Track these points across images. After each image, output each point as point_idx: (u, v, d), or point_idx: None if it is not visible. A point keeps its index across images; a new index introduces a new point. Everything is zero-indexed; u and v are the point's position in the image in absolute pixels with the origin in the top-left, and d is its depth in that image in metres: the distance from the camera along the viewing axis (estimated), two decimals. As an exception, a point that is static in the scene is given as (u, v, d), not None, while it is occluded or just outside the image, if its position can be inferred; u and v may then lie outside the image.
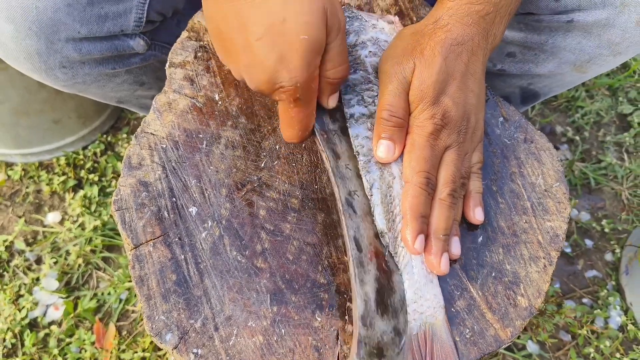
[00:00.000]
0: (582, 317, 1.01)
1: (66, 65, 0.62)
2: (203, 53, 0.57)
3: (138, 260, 0.46)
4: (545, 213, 0.52)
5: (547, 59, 0.63)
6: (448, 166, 0.47)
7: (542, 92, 0.73)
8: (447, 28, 0.47)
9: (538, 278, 0.49)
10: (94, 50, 0.61)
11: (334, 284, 0.47)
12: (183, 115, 0.53)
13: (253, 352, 0.44)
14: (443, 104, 0.47)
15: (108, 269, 1.00)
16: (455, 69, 0.47)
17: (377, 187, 0.46)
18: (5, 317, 0.93)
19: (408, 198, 0.45)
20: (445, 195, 0.46)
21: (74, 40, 0.59)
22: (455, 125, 0.47)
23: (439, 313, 0.45)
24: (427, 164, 0.46)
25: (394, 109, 0.47)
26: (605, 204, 1.18)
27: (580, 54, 0.60)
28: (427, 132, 0.46)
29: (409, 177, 0.46)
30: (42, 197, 1.09)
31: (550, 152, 0.55)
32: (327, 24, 0.41)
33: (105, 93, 0.72)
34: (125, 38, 0.64)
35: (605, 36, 0.57)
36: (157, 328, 0.44)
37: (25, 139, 1.06)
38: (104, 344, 0.91)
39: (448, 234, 0.46)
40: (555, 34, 0.60)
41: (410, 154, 0.47)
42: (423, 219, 0.45)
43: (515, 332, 0.46)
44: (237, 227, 0.48)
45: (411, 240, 0.44)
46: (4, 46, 0.59)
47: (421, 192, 0.45)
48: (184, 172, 0.50)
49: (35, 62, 0.60)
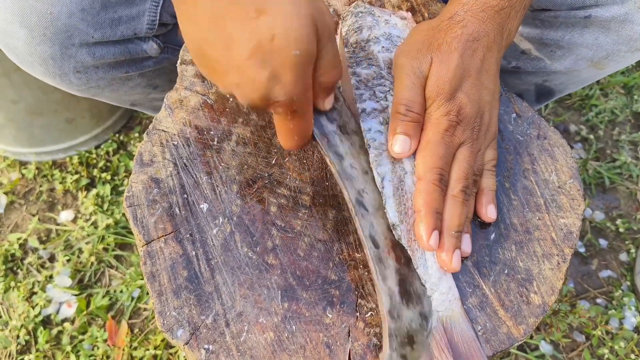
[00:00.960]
0: (596, 317, 1.00)
1: (80, 70, 0.62)
2: (214, 50, 0.57)
3: (149, 257, 0.46)
4: (558, 210, 0.51)
5: (564, 56, 0.63)
6: (461, 163, 0.47)
7: (558, 90, 0.72)
8: (463, 23, 0.47)
9: (551, 275, 0.48)
10: (107, 54, 0.62)
11: (345, 281, 0.47)
12: (194, 112, 0.53)
13: (264, 348, 0.44)
14: (458, 100, 0.46)
15: (120, 267, 1.01)
16: (471, 65, 0.47)
17: (389, 179, 0.46)
18: (19, 314, 0.94)
19: (422, 194, 0.45)
20: (457, 191, 0.46)
21: (87, 45, 0.59)
22: (470, 122, 0.47)
23: (455, 305, 0.45)
24: (441, 161, 0.46)
25: (411, 104, 0.46)
26: (619, 203, 1.17)
27: (597, 50, 0.60)
28: (442, 128, 0.46)
29: (422, 174, 0.46)
30: (55, 196, 1.10)
31: (564, 148, 0.55)
32: (318, 33, 0.39)
33: (119, 96, 0.72)
34: (138, 42, 0.64)
35: (623, 32, 0.56)
36: (169, 324, 0.44)
37: (39, 138, 1.07)
38: (116, 341, 0.92)
39: (460, 231, 0.46)
40: (572, 30, 0.59)
41: (425, 150, 0.46)
42: (437, 215, 0.45)
43: (528, 330, 0.46)
44: (248, 223, 0.48)
45: (426, 237, 0.44)
46: (18, 51, 0.59)
47: (435, 188, 0.45)
48: (195, 168, 0.50)
49: (50, 67, 0.60)
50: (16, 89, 0.94)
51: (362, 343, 0.44)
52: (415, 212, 0.46)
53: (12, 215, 1.08)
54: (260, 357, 0.43)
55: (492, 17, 0.47)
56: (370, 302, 0.46)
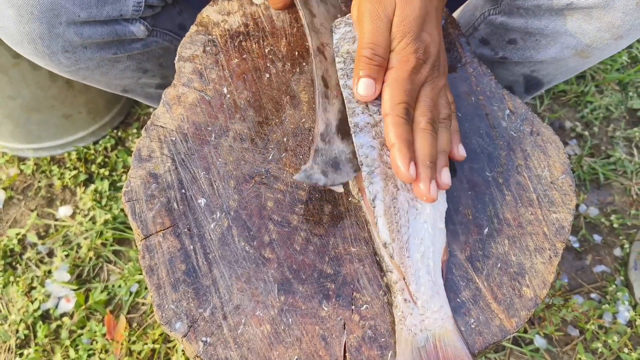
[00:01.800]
0: (589, 311, 1.01)
1: (69, 50, 0.63)
2: (212, 47, 0.57)
3: (148, 251, 0.47)
4: (551, 205, 0.52)
5: (549, 44, 0.64)
6: (425, 99, 0.48)
7: (546, 80, 0.73)
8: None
9: (543, 269, 0.49)
10: (95, 34, 0.62)
11: (340, 275, 0.47)
12: (192, 109, 0.54)
13: (261, 340, 0.44)
14: (424, 39, 0.48)
15: (119, 262, 1.01)
16: (430, 7, 0.49)
17: (381, 198, 0.46)
18: (18, 308, 0.95)
19: (391, 128, 0.46)
20: (425, 123, 0.47)
21: (74, 24, 0.60)
22: (432, 61, 0.49)
23: (447, 324, 0.45)
24: (408, 96, 0.47)
25: (377, 47, 0.47)
26: (614, 199, 1.18)
27: (581, 37, 0.60)
28: (411, 66, 0.47)
29: (388, 109, 0.46)
30: (53, 191, 1.11)
31: (557, 144, 0.55)
32: None
33: (109, 80, 0.72)
34: (125, 23, 0.64)
35: (605, 19, 0.57)
36: (167, 317, 0.45)
37: (36, 134, 1.07)
38: (115, 335, 0.93)
39: (434, 161, 0.46)
40: (555, 19, 0.60)
41: (391, 86, 0.47)
42: (411, 146, 0.46)
43: (520, 323, 0.47)
44: (245, 218, 0.49)
45: (404, 167, 0.44)
46: (7, 30, 0.60)
47: (403, 121, 0.46)
48: (193, 164, 0.51)
49: (39, 46, 0.61)
50: (13, 85, 0.94)
51: (357, 336, 0.45)
52: (389, 147, 0.46)
53: (11, 211, 1.09)
54: (257, 349, 0.44)
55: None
56: (366, 295, 0.47)
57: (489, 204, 0.52)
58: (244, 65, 0.57)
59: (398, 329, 0.45)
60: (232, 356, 0.44)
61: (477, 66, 0.60)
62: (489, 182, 0.53)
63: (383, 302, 0.46)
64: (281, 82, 0.56)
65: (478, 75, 0.59)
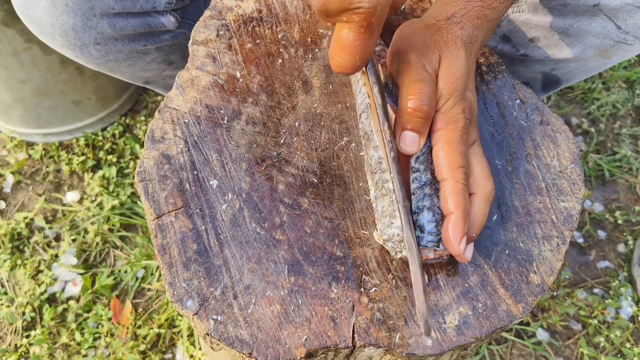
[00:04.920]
0: (592, 303, 1.01)
1: (100, 42, 0.63)
2: (225, 32, 0.58)
3: (160, 230, 0.48)
4: (559, 194, 0.52)
5: (572, 44, 0.63)
6: (481, 161, 0.46)
7: (564, 79, 0.72)
8: (460, 25, 0.48)
9: (551, 256, 0.49)
10: (127, 26, 0.63)
11: (350, 257, 0.48)
12: (205, 92, 0.54)
13: (271, 320, 0.45)
14: (468, 98, 0.46)
15: (125, 248, 1.02)
16: (471, 65, 0.48)
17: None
18: (25, 291, 0.96)
19: (452, 195, 0.43)
20: (489, 191, 0.45)
21: (108, 15, 0.60)
22: (475, 120, 0.47)
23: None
24: (465, 160, 0.45)
25: (423, 99, 0.44)
26: (619, 195, 1.18)
27: (604, 38, 0.60)
28: (461, 126, 0.45)
29: (448, 174, 0.44)
30: (61, 177, 1.11)
31: (566, 134, 0.56)
32: None
33: (135, 72, 0.73)
34: (156, 15, 0.65)
35: (631, 21, 0.57)
36: (179, 295, 0.45)
37: (46, 119, 1.08)
38: (121, 319, 0.93)
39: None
40: (580, 18, 0.60)
41: (446, 150, 0.44)
42: (467, 216, 0.43)
43: (527, 308, 0.47)
44: (256, 200, 0.49)
45: (457, 242, 0.42)
46: (39, 22, 0.60)
47: (464, 188, 0.43)
48: (206, 146, 0.51)
49: (70, 38, 0.61)
50: (25, 69, 0.95)
51: (366, 317, 0.46)
52: (445, 214, 0.44)
53: (19, 195, 1.09)
54: (267, 328, 0.45)
55: (483, 25, 0.49)
56: (375, 278, 0.47)
57: (498, 192, 0.52)
58: (257, 50, 0.57)
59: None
60: (242, 334, 0.44)
61: (488, 55, 0.60)
62: (498, 170, 0.53)
63: (392, 285, 0.47)
64: (293, 67, 0.57)
65: (490, 64, 0.59)
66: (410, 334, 0.45)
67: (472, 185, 0.45)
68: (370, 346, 0.45)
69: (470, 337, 0.45)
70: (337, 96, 0.56)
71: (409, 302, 0.46)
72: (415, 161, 0.46)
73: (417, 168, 0.45)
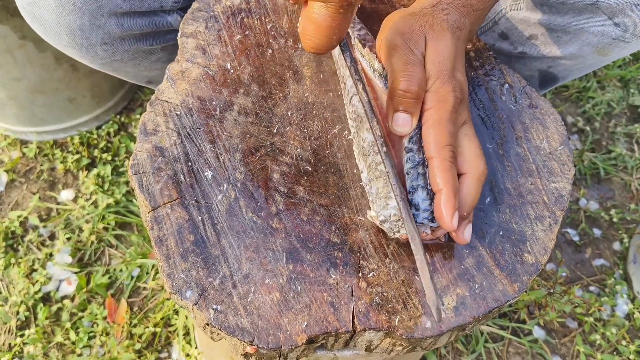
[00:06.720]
0: (589, 300, 1.02)
1: (107, 42, 0.62)
2: (214, 23, 0.58)
3: (156, 222, 0.48)
4: (550, 175, 0.53)
5: (569, 41, 0.63)
6: (472, 141, 0.47)
7: (561, 76, 0.72)
8: (446, 12, 0.48)
9: (544, 236, 0.50)
10: (135, 26, 0.62)
11: (347, 243, 0.48)
12: (196, 84, 0.54)
13: (271, 307, 0.45)
14: (458, 78, 0.47)
15: (120, 246, 1.01)
16: (459, 48, 0.48)
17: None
18: (19, 290, 0.95)
19: (439, 173, 0.44)
20: (482, 171, 0.46)
21: (116, 15, 0.60)
22: (466, 100, 0.48)
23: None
24: (452, 138, 0.45)
25: (412, 80, 0.45)
26: (614, 194, 1.19)
27: (602, 36, 0.60)
28: (450, 105, 0.45)
29: (434, 152, 0.44)
30: (56, 175, 1.10)
31: (554, 117, 0.57)
32: None
33: (139, 72, 0.72)
34: (163, 14, 0.65)
35: (630, 18, 0.57)
36: (177, 286, 0.45)
37: (40, 117, 1.07)
38: (116, 318, 0.93)
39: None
40: (579, 16, 0.60)
41: (434, 128, 0.45)
42: (457, 193, 0.44)
43: (522, 287, 0.48)
44: (252, 189, 0.50)
45: (449, 217, 0.43)
46: (45, 21, 0.59)
47: (451, 165, 0.44)
48: (199, 137, 0.51)
49: (77, 38, 0.60)
50: (19, 66, 0.93)
51: (365, 302, 0.46)
52: (434, 190, 0.44)
53: (13, 193, 1.08)
54: (267, 316, 0.45)
55: (470, 14, 0.49)
56: (372, 263, 0.48)
57: (490, 175, 0.53)
58: (247, 41, 0.57)
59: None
60: (242, 323, 0.44)
61: (475, 41, 0.60)
62: (489, 153, 0.54)
63: (389, 269, 0.47)
64: (284, 57, 0.57)
65: (477, 49, 0.60)
66: (410, 316, 0.45)
67: (463, 165, 0.46)
68: (370, 330, 0.45)
69: (468, 317, 0.46)
70: (328, 85, 0.56)
71: (406, 285, 0.47)
72: (408, 141, 0.46)
73: (410, 148, 0.46)
